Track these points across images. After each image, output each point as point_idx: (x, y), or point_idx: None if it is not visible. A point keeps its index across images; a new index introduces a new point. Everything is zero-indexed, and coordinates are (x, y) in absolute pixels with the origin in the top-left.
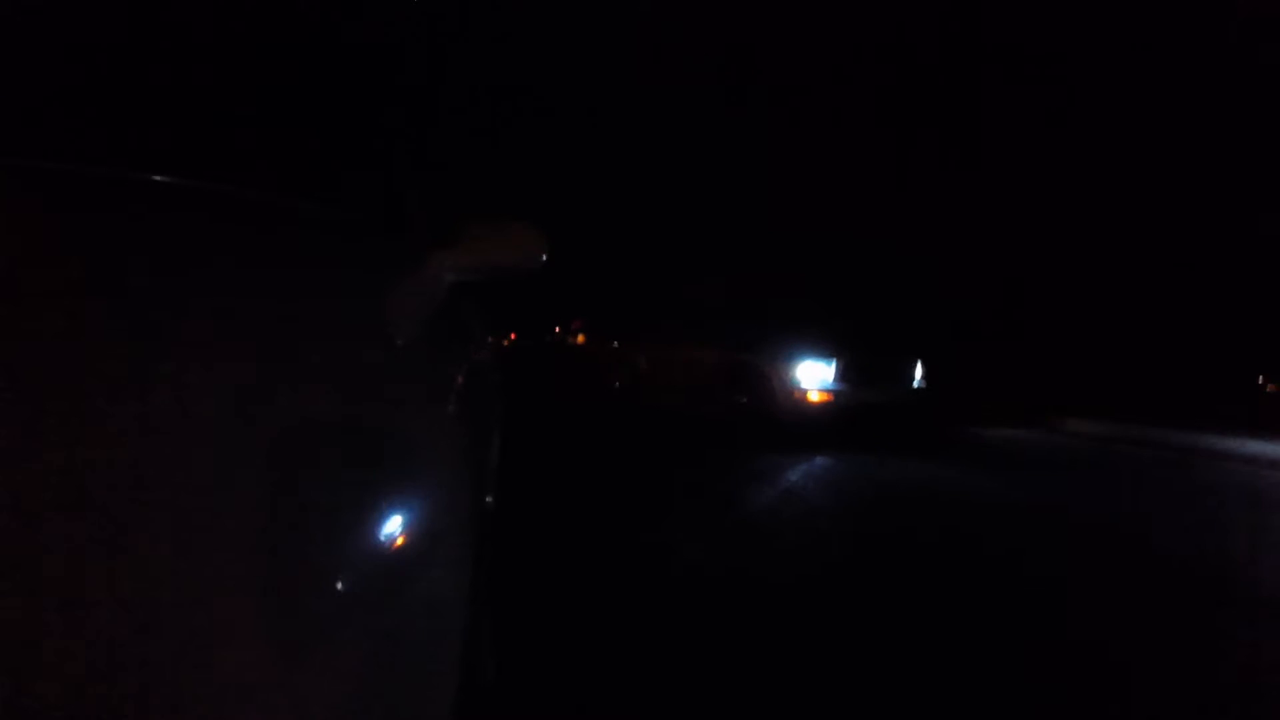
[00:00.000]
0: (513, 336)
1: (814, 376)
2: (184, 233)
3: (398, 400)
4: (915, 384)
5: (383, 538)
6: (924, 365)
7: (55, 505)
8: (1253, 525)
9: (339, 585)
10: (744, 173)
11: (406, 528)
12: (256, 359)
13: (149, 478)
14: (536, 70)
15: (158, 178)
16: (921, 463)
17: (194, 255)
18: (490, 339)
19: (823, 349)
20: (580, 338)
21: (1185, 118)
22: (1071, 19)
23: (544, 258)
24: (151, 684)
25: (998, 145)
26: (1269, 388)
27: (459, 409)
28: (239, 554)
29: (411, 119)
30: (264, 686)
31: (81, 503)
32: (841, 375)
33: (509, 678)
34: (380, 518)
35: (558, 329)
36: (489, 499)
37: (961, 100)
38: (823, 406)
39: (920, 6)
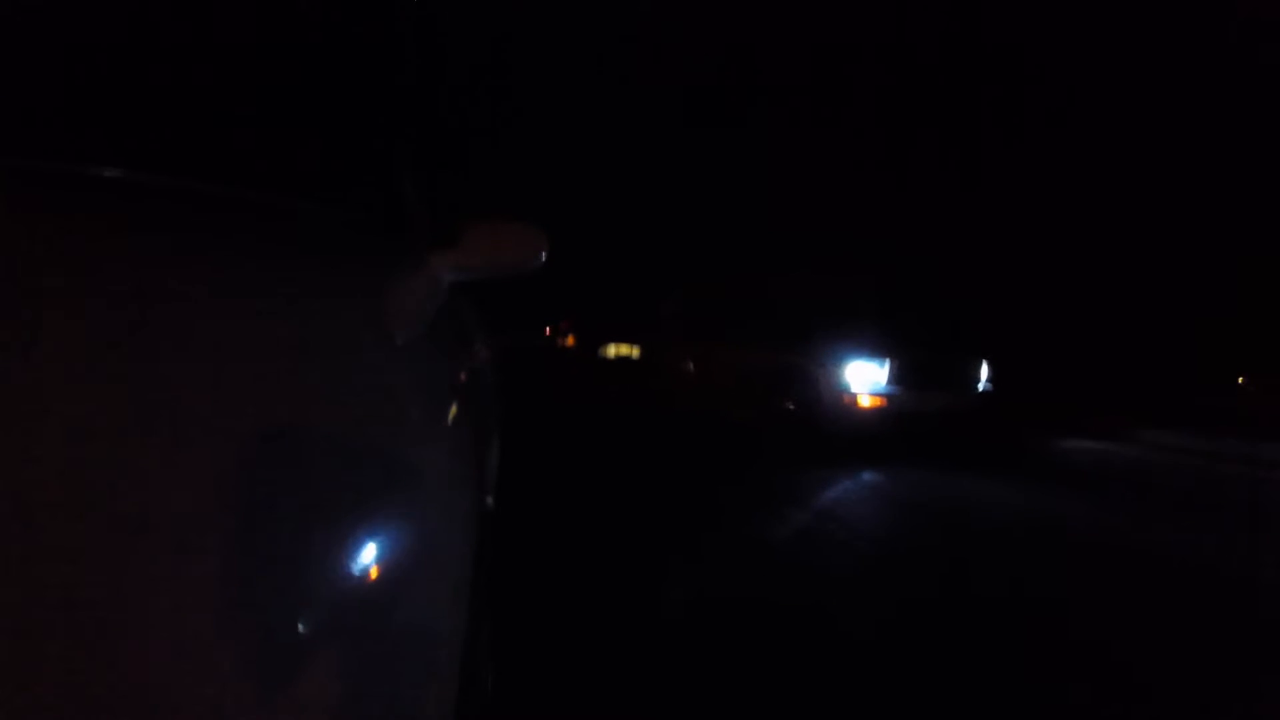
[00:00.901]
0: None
1: (865, 379)
2: (183, 233)
3: (398, 401)
4: (979, 387)
5: (382, 541)
6: (989, 366)
7: (55, 505)
8: None
9: (339, 587)
10: (774, 167)
11: (406, 531)
12: (257, 361)
13: (148, 478)
14: (537, 70)
15: (158, 178)
16: (989, 483)
17: (193, 256)
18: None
19: (875, 348)
20: (570, 339)
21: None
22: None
23: (544, 257)
24: (151, 684)
25: (1055, 137)
26: (1250, 387)
27: (459, 409)
28: (238, 556)
29: (412, 118)
30: (262, 689)
31: (81, 503)
32: (896, 377)
33: (508, 688)
34: (380, 520)
35: (549, 330)
36: (489, 499)
37: (1018, 89)
38: (875, 412)
39: None
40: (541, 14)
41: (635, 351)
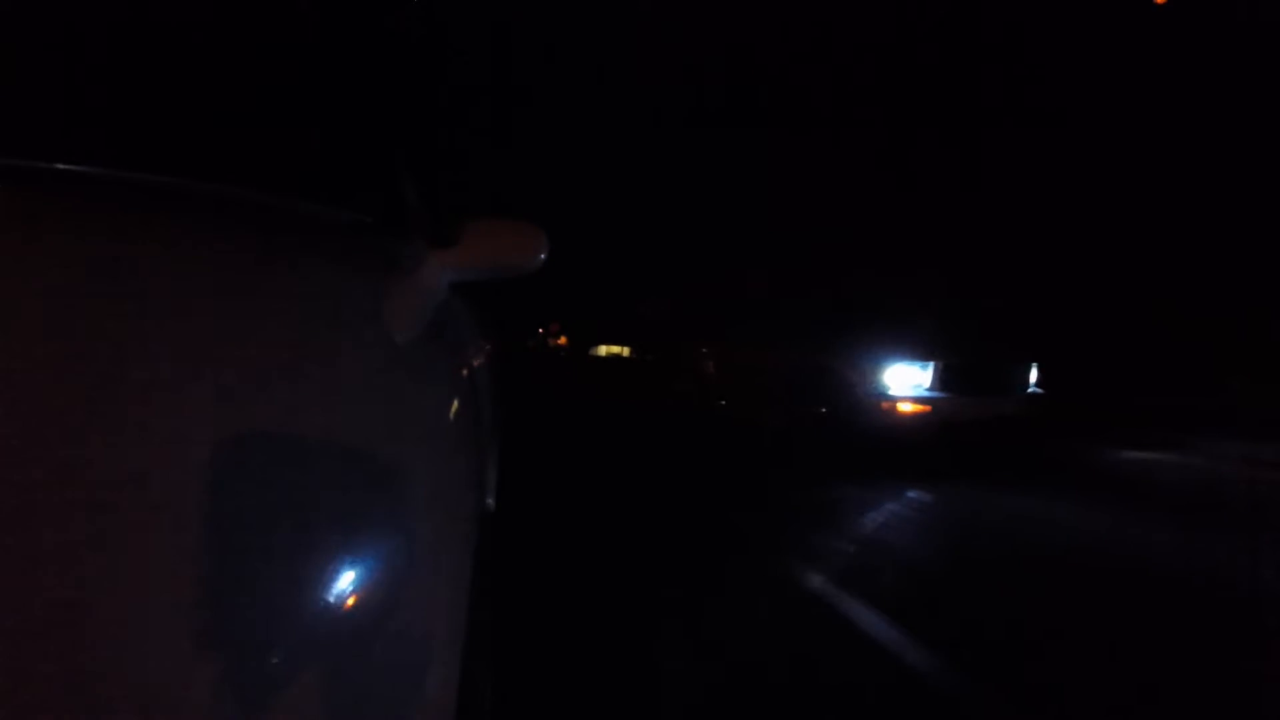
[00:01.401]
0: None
1: (906, 383)
2: (183, 233)
3: (397, 401)
4: (1028, 390)
5: (381, 543)
6: (1039, 369)
7: (55, 505)
8: None
9: (337, 589)
10: (791, 167)
11: (405, 532)
12: (257, 361)
13: (147, 479)
14: (538, 70)
15: (157, 178)
16: (1050, 501)
17: (192, 256)
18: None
19: (917, 350)
20: (562, 339)
21: None
22: None
23: (544, 257)
24: (150, 685)
25: (1071, 139)
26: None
27: (459, 410)
28: (237, 557)
29: (413, 118)
30: (260, 691)
31: (80, 504)
32: (940, 381)
33: (507, 693)
34: (379, 521)
35: (541, 331)
36: (489, 501)
37: (1049, 93)
38: (917, 419)
39: None
40: (540, 14)
41: (637, 353)
